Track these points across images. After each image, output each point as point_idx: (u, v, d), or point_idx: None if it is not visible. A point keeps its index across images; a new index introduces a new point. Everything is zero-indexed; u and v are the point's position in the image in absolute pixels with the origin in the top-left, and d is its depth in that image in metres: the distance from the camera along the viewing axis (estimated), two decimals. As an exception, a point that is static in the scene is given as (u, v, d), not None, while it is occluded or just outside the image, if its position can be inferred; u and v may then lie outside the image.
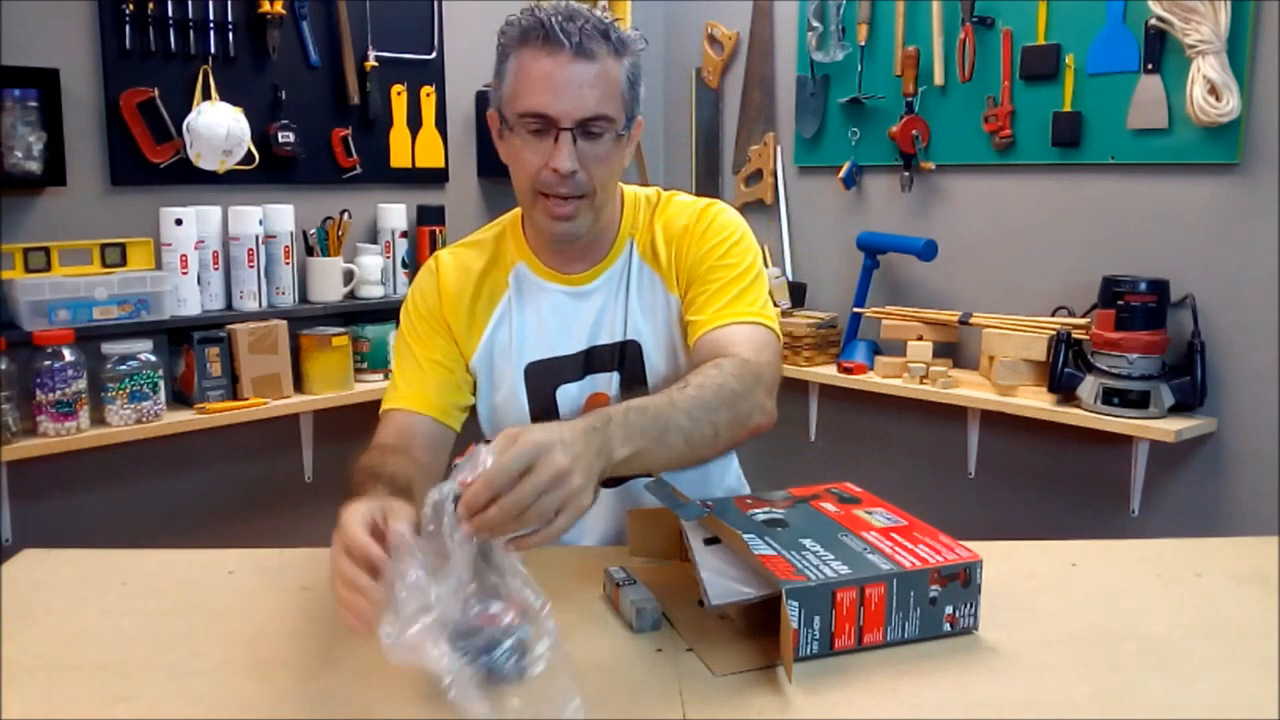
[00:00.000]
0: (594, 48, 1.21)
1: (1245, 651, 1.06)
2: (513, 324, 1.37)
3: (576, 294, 1.37)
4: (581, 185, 1.25)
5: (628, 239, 1.38)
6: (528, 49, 1.22)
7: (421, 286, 1.41)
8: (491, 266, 1.40)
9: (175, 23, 2.40)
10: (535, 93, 1.21)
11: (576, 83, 1.21)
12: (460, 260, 1.41)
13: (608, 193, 1.31)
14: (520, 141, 1.25)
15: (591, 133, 1.23)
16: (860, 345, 2.83)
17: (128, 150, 2.38)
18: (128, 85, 2.35)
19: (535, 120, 1.22)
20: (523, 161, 1.25)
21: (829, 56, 2.89)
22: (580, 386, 1.37)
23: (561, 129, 1.22)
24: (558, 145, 1.22)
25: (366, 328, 2.69)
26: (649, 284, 1.37)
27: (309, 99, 2.65)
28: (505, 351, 1.37)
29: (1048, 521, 2.64)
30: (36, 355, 2.14)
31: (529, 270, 1.38)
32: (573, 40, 1.20)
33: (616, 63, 1.24)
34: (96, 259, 2.32)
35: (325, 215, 2.69)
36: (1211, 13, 2.21)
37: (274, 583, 1.21)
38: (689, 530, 1.13)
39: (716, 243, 1.34)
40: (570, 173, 1.22)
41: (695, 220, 1.36)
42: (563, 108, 1.21)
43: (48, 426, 2.15)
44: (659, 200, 1.41)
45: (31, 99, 2.19)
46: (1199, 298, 2.33)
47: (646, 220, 1.39)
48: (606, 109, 1.23)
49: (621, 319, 1.36)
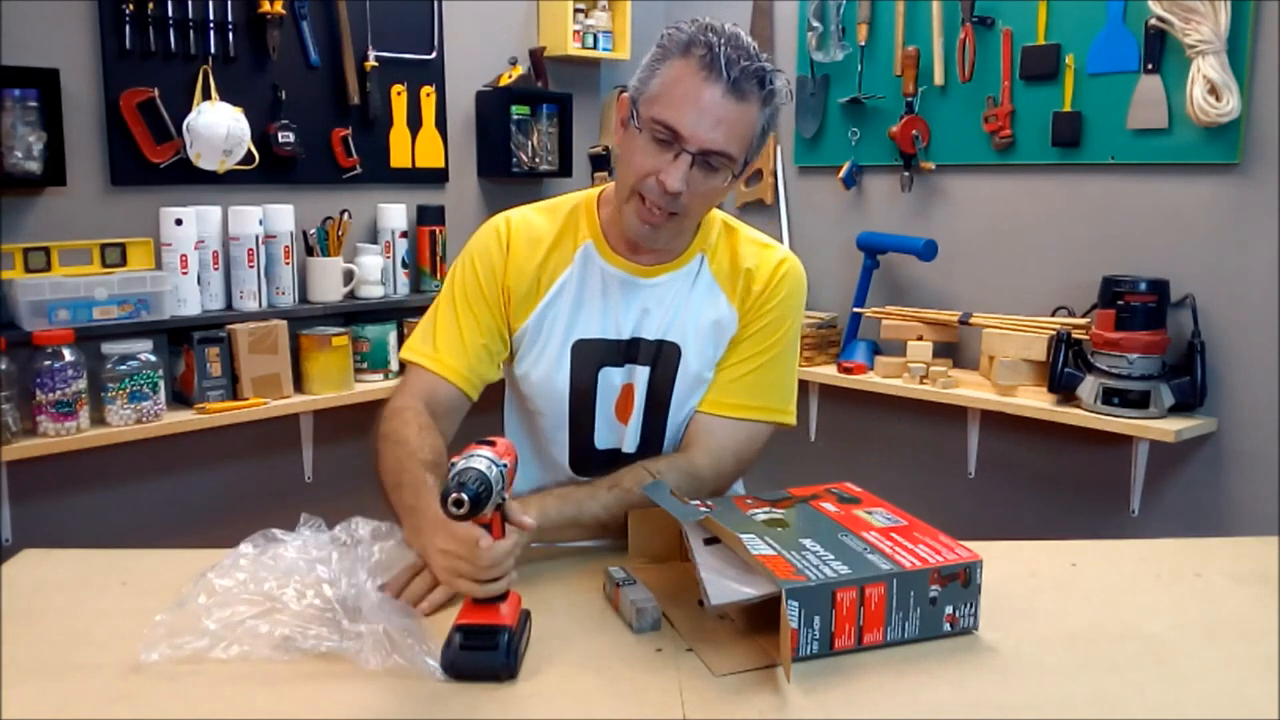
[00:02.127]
0: (748, 89, 1.23)
1: (1245, 651, 1.06)
2: (570, 299, 1.39)
3: (635, 284, 1.39)
4: (679, 207, 1.27)
5: (699, 253, 1.41)
6: (687, 62, 1.23)
7: (486, 246, 1.40)
8: (561, 239, 1.40)
9: (175, 23, 2.40)
10: (676, 107, 1.23)
11: (717, 116, 1.22)
12: (529, 226, 1.41)
13: (697, 219, 1.37)
14: (642, 142, 1.26)
15: (710, 165, 1.25)
16: (860, 345, 2.82)
17: (128, 150, 2.38)
18: (128, 85, 2.35)
19: (664, 131, 1.23)
20: (636, 161, 1.27)
21: (829, 56, 2.90)
22: (622, 373, 1.40)
23: (685, 150, 1.23)
24: (675, 163, 1.24)
25: (366, 328, 2.69)
26: (711, 299, 1.40)
27: (309, 99, 2.65)
28: (556, 324, 1.39)
29: (1048, 521, 2.64)
30: (36, 355, 2.14)
31: (595, 251, 1.40)
32: (731, 75, 1.21)
33: (760, 111, 1.26)
34: (96, 259, 2.32)
35: (325, 215, 2.69)
36: (1211, 13, 2.21)
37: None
38: (689, 531, 1.13)
39: (771, 322, 1.40)
40: (676, 193, 1.24)
41: (767, 284, 1.40)
42: (694, 132, 1.22)
43: (48, 426, 2.15)
44: (731, 227, 1.45)
45: (31, 99, 2.18)
46: (1199, 298, 2.33)
47: (725, 242, 1.42)
48: (732, 150, 1.25)
49: (670, 320, 1.39)
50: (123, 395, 2.24)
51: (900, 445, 2.91)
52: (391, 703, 0.95)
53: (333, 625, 1.04)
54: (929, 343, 2.66)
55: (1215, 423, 2.33)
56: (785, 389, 1.43)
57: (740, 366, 1.40)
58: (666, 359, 1.39)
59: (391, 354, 2.71)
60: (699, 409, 1.41)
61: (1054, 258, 2.58)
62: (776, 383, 1.41)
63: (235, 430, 2.49)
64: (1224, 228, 2.31)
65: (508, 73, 2.99)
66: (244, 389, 2.45)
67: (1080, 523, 2.58)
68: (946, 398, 2.55)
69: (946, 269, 2.76)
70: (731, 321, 1.40)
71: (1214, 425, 2.33)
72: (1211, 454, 2.37)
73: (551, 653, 1.05)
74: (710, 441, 1.38)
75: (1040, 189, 2.60)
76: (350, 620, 1.03)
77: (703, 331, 1.39)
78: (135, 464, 2.44)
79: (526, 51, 3.03)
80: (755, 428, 1.40)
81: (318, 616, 1.06)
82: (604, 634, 1.09)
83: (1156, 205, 2.41)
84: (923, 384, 2.60)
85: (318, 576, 1.12)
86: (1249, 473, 2.32)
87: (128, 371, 2.25)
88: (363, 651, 1.00)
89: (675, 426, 1.42)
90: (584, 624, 1.12)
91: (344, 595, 1.07)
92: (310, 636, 1.03)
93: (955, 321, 2.65)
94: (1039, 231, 2.61)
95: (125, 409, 2.25)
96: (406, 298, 2.83)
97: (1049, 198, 2.58)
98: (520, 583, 1.21)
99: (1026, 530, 2.66)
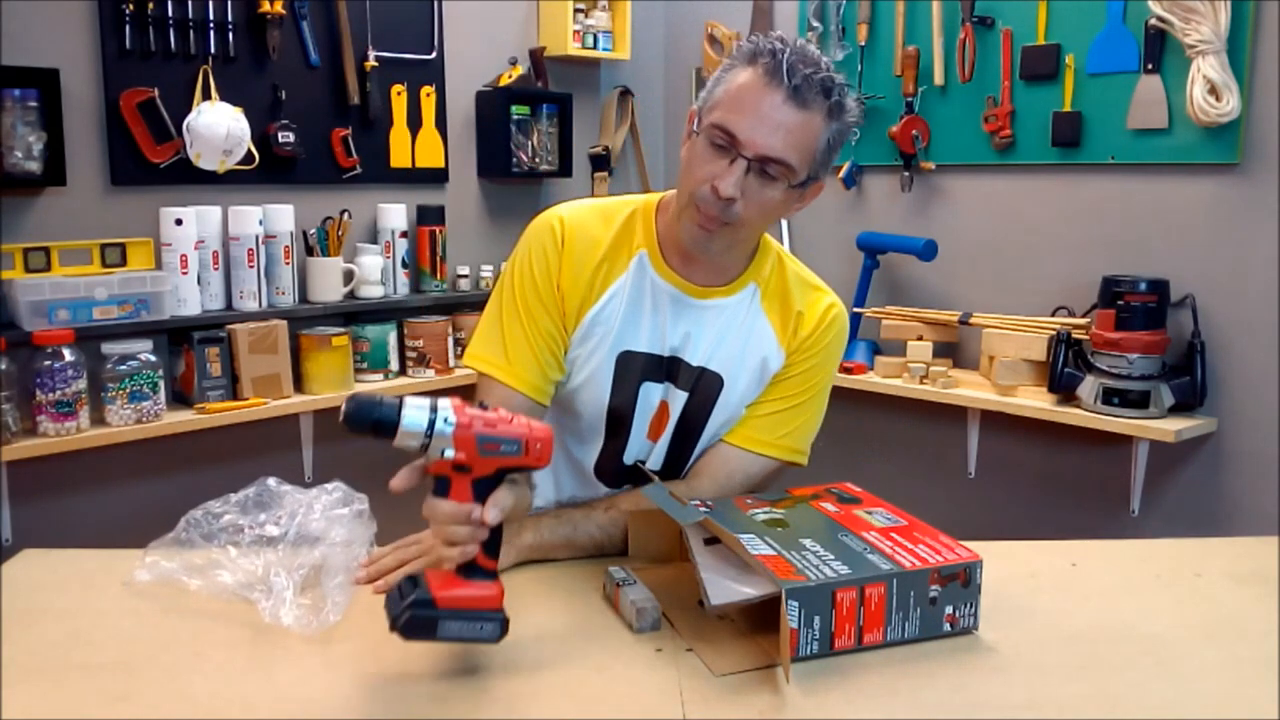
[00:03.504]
0: (810, 98, 1.21)
1: (1245, 651, 1.06)
2: (622, 308, 1.36)
3: (685, 302, 1.36)
4: (733, 216, 1.24)
5: (750, 282, 1.38)
6: (751, 70, 1.22)
7: (543, 245, 1.36)
8: (618, 244, 1.37)
9: (175, 23, 2.40)
10: (734, 111, 1.22)
11: (775, 122, 1.20)
12: (584, 226, 1.37)
13: (754, 232, 1.33)
14: (701, 148, 1.25)
15: (766, 173, 1.23)
16: (860, 345, 2.83)
17: (128, 150, 2.38)
18: (128, 85, 2.35)
19: (722, 136, 1.22)
20: (693, 168, 1.25)
21: (829, 56, 2.89)
22: (660, 390, 1.37)
23: (741, 155, 1.21)
24: (730, 168, 1.21)
25: (366, 327, 2.69)
26: (761, 334, 1.38)
27: (309, 99, 2.65)
28: (605, 332, 1.36)
29: (1048, 521, 2.64)
30: (36, 355, 2.14)
31: (649, 262, 1.36)
32: (793, 82, 1.20)
33: (825, 122, 1.24)
34: (96, 259, 2.32)
35: (325, 215, 2.69)
36: (1211, 13, 2.21)
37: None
38: (689, 531, 1.13)
39: (813, 366, 1.41)
40: (729, 199, 1.22)
41: (815, 328, 1.41)
42: (751, 137, 1.20)
43: (48, 426, 2.15)
44: (784, 262, 1.43)
45: (31, 99, 2.18)
46: (1199, 298, 2.33)
47: (778, 276, 1.41)
48: (790, 157, 1.22)
49: (714, 349, 1.36)
50: (123, 395, 2.24)
51: (900, 445, 2.91)
52: (391, 702, 0.96)
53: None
54: (929, 343, 2.66)
55: (1215, 423, 2.33)
56: (809, 431, 1.42)
57: (774, 405, 1.39)
58: (706, 387, 1.37)
59: (391, 354, 2.71)
60: (723, 438, 1.40)
61: (1054, 258, 2.58)
62: (803, 425, 1.40)
63: (235, 430, 2.49)
64: (1224, 228, 2.31)
65: (508, 73, 2.99)
66: (244, 389, 2.45)
67: (1080, 523, 2.58)
68: (946, 398, 2.55)
69: (946, 269, 2.76)
70: (778, 362, 1.38)
71: (1214, 425, 2.33)
72: (1211, 454, 2.37)
73: (551, 653, 1.05)
74: (721, 471, 1.37)
75: (1040, 189, 2.60)
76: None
77: (749, 368, 1.37)
78: (135, 464, 2.44)
79: (526, 51, 3.03)
80: (769, 463, 1.39)
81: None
82: (604, 634, 1.09)
83: (1156, 205, 2.41)
84: (923, 384, 2.60)
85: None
86: (1249, 473, 2.32)
87: (128, 371, 2.25)
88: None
89: (700, 454, 1.41)
90: (584, 624, 1.12)
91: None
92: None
93: (955, 321, 2.65)
94: (1039, 231, 2.61)
95: (125, 409, 2.25)
96: (406, 298, 2.83)
97: (1049, 198, 2.58)
98: (521, 583, 1.21)
99: (1026, 530, 2.66)
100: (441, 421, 0.96)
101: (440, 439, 0.96)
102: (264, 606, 1.10)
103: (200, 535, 1.23)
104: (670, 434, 1.39)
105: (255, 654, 1.04)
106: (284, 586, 1.12)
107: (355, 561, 1.17)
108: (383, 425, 0.95)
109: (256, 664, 1.02)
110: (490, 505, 1.00)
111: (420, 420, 0.96)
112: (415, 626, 0.96)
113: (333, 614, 1.08)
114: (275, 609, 1.10)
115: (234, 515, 1.25)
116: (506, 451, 0.99)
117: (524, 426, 1.00)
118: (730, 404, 1.37)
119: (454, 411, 0.97)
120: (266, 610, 1.10)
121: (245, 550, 1.21)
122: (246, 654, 1.04)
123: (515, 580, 1.23)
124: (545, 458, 1.01)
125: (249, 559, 1.20)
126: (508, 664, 1.01)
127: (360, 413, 0.95)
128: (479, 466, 0.98)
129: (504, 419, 1.00)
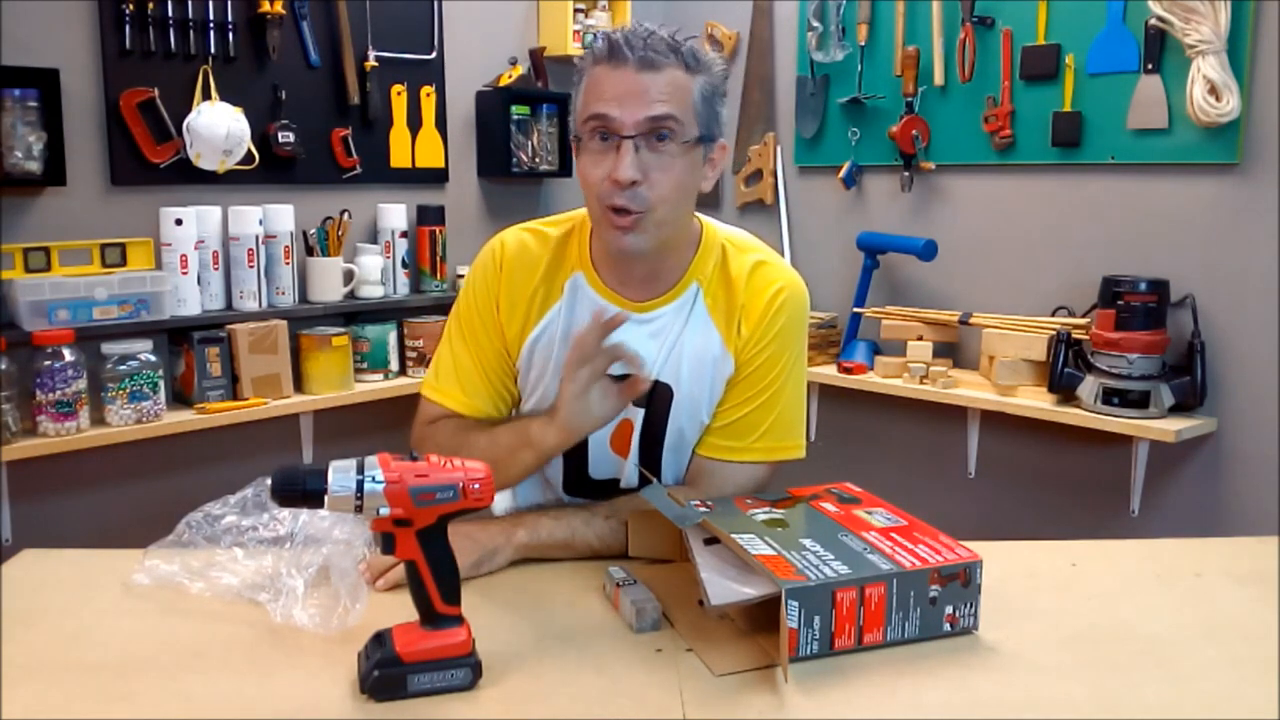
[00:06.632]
0: (659, 59, 1.21)
1: (1245, 651, 1.06)
2: (559, 334, 1.35)
3: (630, 319, 1.30)
4: (643, 200, 1.22)
5: (693, 283, 1.34)
6: (598, 66, 1.23)
7: (485, 269, 1.38)
8: (553, 269, 1.37)
9: (175, 23, 2.39)
10: (599, 99, 1.22)
11: (639, 90, 1.20)
12: (523, 250, 1.38)
13: (674, 211, 1.26)
14: (587, 155, 1.25)
15: (657, 140, 1.22)
16: (860, 345, 2.83)
17: (128, 150, 2.37)
18: (128, 85, 2.35)
19: (598, 122, 1.22)
20: (588, 175, 1.25)
21: (829, 56, 2.89)
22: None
23: (624, 137, 1.21)
24: (620, 154, 1.21)
25: (366, 328, 2.69)
26: (705, 336, 1.34)
27: (309, 99, 2.65)
28: (546, 359, 1.36)
29: (1048, 521, 2.64)
30: (36, 355, 2.14)
31: (586, 283, 1.35)
32: (637, 53, 1.20)
33: (688, 77, 1.23)
34: (96, 259, 2.32)
35: (325, 215, 2.69)
36: (1211, 13, 2.21)
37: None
38: (689, 531, 1.13)
39: (768, 358, 1.33)
40: (630, 182, 1.20)
41: (760, 320, 1.33)
42: (622, 112, 1.20)
43: (48, 426, 2.15)
44: (730, 249, 1.37)
45: (31, 99, 2.18)
46: (1199, 298, 2.33)
47: (722, 272, 1.35)
48: (669, 109, 1.21)
49: (664, 360, 1.34)
50: (123, 395, 2.24)
51: (900, 445, 2.91)
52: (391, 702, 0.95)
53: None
54: (929, 343, 2.66)
55: (1215, 423, 2.33)
56: (787, 424, 1.36)
57: (737, 410, 1.34)
58: (660, 400, 1.34)
59: (391, 354, 2.71)
60: (696, 452, 1.37)
61: (1054, 258, 2.58)
62: (777, 420, 1.35)
63: (235, 430, 2.49)
64: (1224, 228, 2.31)
65: (508, 73, 2.99)
66: (244, 389, 2.45)
67: (1080, 523, 2.58)
68: (946, 398, 2.55)
69: (946, 269, 2.76)
70: (728, 364, 1.34)
71: (1214, 425, 2.33)
72: (1211, 454, 2.37)
73: (551, 653, 1.05)
74: (710, 485, 1.35)
75: (1040, 189, 2.60)
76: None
77: (697, 370, 1.34)
78: (135, 464, 2.44)
79: (526, 51, 3.03)
80: (755, 468, 1.35)
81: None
82: (604, 634, 1.09)
83: (1156, 205, 2.41)
84: (923, 384, 2.60)
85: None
86: (1249, 473, 2.32)
87: (128, 371, 2.25)
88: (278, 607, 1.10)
89: (673, 458, 1.39)
90: (584, 624, 1.12)
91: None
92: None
93: (955, 321, 2.65)
94: (1039, 231, 2.61)
95: (125, 409, 2.25)
96: (406, 298, 2.83)
97: (1049, 198, 2.58)
98: (521, 582, 1.21)
99: (1026, 530, 2.66)
100: (370, 481, 0.95)
101: (373, 498, 0.95)
102: (274, 607, 1.10)
103: (204, 537, 1.23)
104: (636, 450, 1.37)
105: (256, 654, 1.04)
106: (296, 586, 1.12)
107: (356, 561, 1.17)
108: (311, 495, 0.95)
109: (257, 664, 1.02)
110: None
111: (348, 483, 0.95)
112: (383, 686, 0.96)
113: (353, 615, 1.07)
114: (288, 609, 1.09)
115: (234, 517, 1.25)
116: (443, 499, 0.97)
117: (458, 470, 0.98)
118: (682, 412, 1.35)
119: (381, 469, 0.96)
120: (277, 611, 1.09)
121: (251, 551, 1.22)
122: (247, 654, 1.04)
123: (515, 579, 1.23)
124: (487, 497, 0.99)
125: (254, 560, 1.20)
126: (508, 664, 1.01)
127: (287, 484, 0.95)
128: (419, 518, 0.97)
129: (436, 466, 0.98)
